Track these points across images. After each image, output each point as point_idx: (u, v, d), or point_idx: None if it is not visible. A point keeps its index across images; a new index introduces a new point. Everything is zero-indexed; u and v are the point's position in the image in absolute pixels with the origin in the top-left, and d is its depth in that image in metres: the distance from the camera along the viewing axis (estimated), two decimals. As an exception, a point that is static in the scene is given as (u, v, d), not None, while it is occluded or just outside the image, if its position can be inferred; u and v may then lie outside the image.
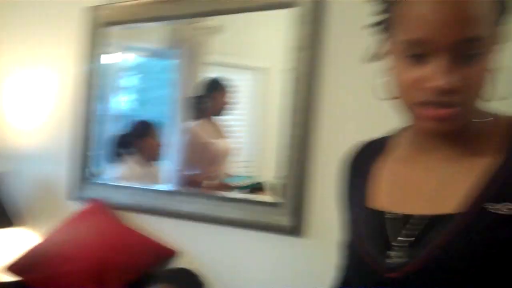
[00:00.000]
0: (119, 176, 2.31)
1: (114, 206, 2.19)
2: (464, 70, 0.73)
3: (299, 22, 1.75)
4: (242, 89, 2.03)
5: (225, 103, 2.02)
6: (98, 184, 2.28)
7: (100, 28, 2.27)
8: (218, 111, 2.04)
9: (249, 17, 1.89)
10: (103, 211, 2.17)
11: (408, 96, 0.78)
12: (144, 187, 2.17)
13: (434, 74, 0.73)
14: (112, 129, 2.34)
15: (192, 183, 2.06)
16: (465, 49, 0.72)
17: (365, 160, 0.97)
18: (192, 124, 2.07)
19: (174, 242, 2.03)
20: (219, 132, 2.06)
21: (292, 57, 1.76)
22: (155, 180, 2.24)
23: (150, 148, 2.28)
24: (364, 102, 0.91)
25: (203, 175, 2.04)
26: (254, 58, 2.01)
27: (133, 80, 2.38)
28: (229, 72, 2.05)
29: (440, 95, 0.73)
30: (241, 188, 1.95)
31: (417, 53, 0.74)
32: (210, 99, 2.05)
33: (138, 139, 2.30)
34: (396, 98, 0.81)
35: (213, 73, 2.07)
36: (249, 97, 2.02)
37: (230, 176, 2.00)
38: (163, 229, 2.07)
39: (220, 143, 2.03)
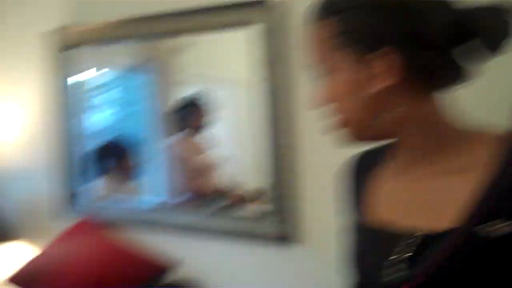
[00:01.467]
0: (99, 194, 2.34)
1: (106, 223, 2.23)
2: (326, 85, 0.87)
3: (266, 38, 1.78)
4: (219, 102, 2.04)
5: (205, 117, 2.03)
6: (87, 200, 2.32)
7: (69, 48, 2.26)
8: (199, 125, 2.06)
9: (218, 35, 1.89)
10: (94, 227, 2.22)
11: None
12: (134, 203, 2.21)
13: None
14: (92, 146, 2.35)
15: (195, 193, 2.08)
16: (320, 69, 0.88)
17: (363, 170, 0.98)
18: (175, 139, 2.09)
19: (167, 256, 2.07)
20: (203, 147, 2.08)
21: (264, 70, 1.79)
22: (139, 196, 2.27)
23: (123, 169, 2.32)
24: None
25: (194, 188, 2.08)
26: (227, 72, 2.01)
27: (108, 96, 2.36)
28: (204, 87, 2.05)
29: (322, 106, 0.88)
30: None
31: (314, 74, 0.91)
32: (189, 113, 2.06)
33: (111, 160, 2.33)
34: None
35: (189, 89, 2.07)
36: (227, 110, 2.04)
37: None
38: (156, 242, 2.10)
39: (205, 157, 2.06)
